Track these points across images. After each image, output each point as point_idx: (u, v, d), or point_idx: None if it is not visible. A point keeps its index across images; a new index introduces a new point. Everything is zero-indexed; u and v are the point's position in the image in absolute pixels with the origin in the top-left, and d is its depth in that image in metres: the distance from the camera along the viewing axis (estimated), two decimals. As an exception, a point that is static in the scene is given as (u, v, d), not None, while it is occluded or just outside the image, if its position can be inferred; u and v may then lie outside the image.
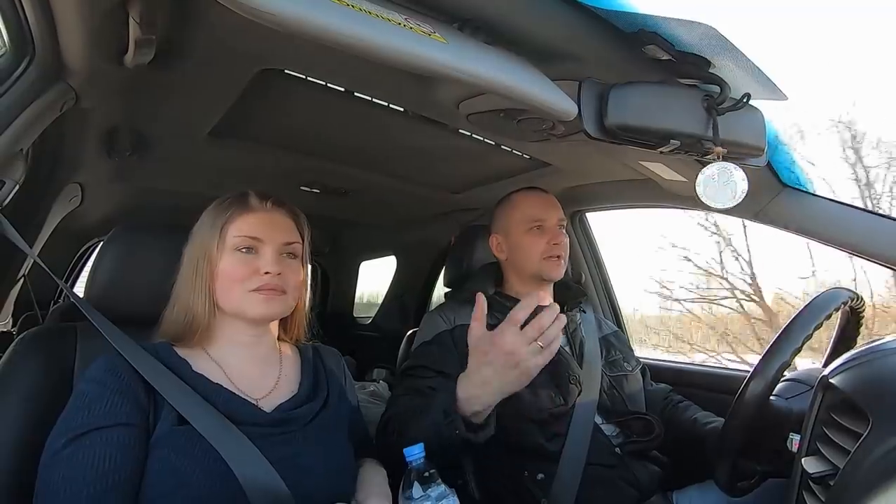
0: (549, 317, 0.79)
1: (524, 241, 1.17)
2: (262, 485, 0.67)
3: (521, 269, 1.19)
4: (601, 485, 1.01)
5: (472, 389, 0.81)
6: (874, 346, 0.68)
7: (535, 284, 1.19)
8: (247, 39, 0.79)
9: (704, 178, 0.75)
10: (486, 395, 0.81)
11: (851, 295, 0.87)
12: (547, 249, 1.15)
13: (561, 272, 1.17)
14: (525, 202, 1.21)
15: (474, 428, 0.82)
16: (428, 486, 0.70)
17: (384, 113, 1.08)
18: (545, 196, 1.22)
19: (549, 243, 1.15)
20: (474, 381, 0.81)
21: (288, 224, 0.83)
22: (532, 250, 1.16)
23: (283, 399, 0.79)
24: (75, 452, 0.63)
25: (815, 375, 0.78)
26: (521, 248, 1.18)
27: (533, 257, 1.16)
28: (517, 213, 1.20)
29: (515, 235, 1.19)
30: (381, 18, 0.55)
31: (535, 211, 1.18)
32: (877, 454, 0.53)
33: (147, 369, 0.70)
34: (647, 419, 1.10)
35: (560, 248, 1.15)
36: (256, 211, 0.81)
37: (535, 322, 0.79)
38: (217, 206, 0.83)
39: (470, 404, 0.81)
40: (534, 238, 1.16)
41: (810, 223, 1.02)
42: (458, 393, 0.82)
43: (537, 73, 0.70)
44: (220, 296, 0.78)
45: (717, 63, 0.71)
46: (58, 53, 0.78)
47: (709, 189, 0.75)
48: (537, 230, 1.16)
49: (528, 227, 1.17)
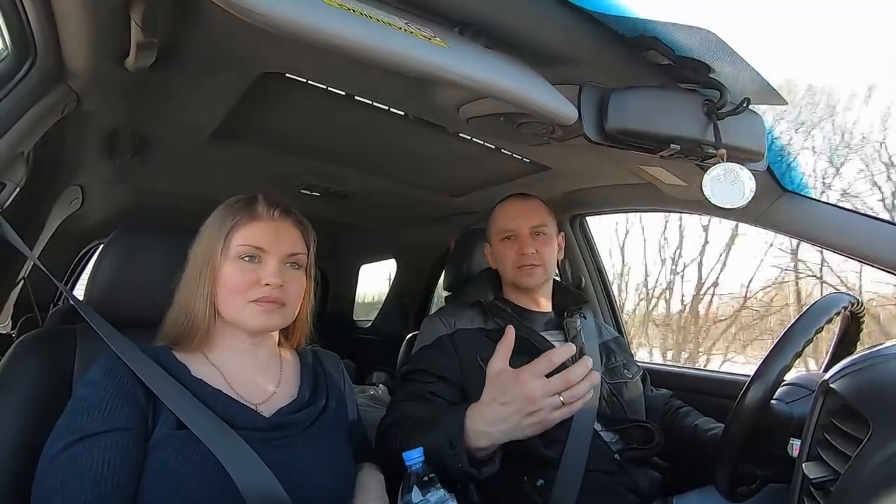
0: (579, 372, 0.74)
1: (499, 251, 1.20)
2: (261, 489, 0.66)
3: (503, 277, 1.22)
4: (601, 491, 1.00)
5: (483, 425, 0.77)
6: (875, 350, 0.68)
7: (518, 291, 1.20)
8: (248, 43, 0.79)
9: (711, 178, 0.74)
10: (496, 434, 0.77)
11: (852, 299, 0.87)
12: (517, 259, 1.16)
13: (536, 280, 1.16)
14: (500, 212, 1.23)
15: (478, 464, 0.79)
16: (427, 490, 0.70)
17: (384, 116, 1.09)
18: (521, 204, 1.22)
19: (518, 253, 1.16)
20: (486, 418, 0.77)
21: (294, 234, 0.82)
22: (505, 260, 1.18)
23: (283, 404, 0.79)
24: (73, 456, 0.63)
25: (815, 380, 0.78)
26: (498, 257, 1.21)
27: (507, 267, 1.18)
28: (495, 223, 1.23)
29: (494, 245, 1.22)
30: (382, 23, 0.55)
31: (506, 221, 1.20)
32: (877, 459, 0.53)
33: (146, 373, 0.70)
34: (647, 427, 1.09)
35: (528, 257, 1.15)
36: (263, 219, 0.80)
37: (564, 374, 0.74)
38: (226, 208, 0.82)
39: (477, 437, 0.78)
40: (506, 248, 1.18)
41: (810, 228, 1.03)
42: (467, 423, 0.78)
43: (538, 77, 0.70)
44: (221, 303, 0.78)
45: (717, 68, 0.71)
46: (59, 56, 0.78)
47: (716, 189, 0.74)
48: (509, 240, 1.18)
49: (502, 237, 1.19)
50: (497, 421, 0.76)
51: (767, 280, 4.32)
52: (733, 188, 0.74)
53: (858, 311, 0.90)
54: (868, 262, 0.95)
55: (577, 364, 0.75)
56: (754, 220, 1.10)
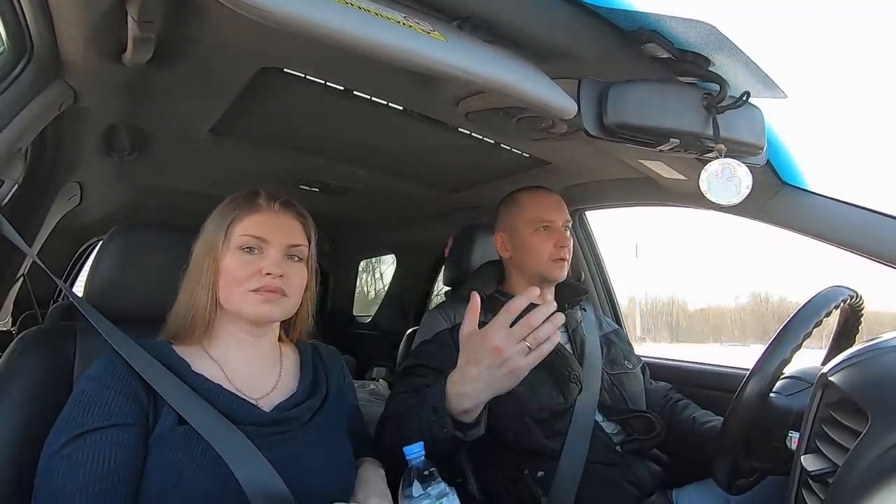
0: (539, 315, 0.76)
1: (531, 241, 1.17)
2: (262, 484, 0.67)
3: (525, 268, 1.19)
4: (601, 483, 1.01)
5: (460, 386, 0.80)
6: (874, 343, 0.68)
7: (537, 284, 1.19)
8: (246, 38, 0.79)
9: (708, 174, 0.75)
10: (475, 393, 0.79)
11: (851, 293, 0.87)
12: (554, 252, 1.15)
13: (564, 273, 1.17)
14: (533, 202, 1.20)
15: (463, 427, 0.81)
16: (428, 484, 0.70)
17: (383, 111, 1.08)
18: (553, 196, 1.21)
19: (556, 245, 1.15)
20: (462, 378, 0.80)
21: (295, 226, 0.83)
22: (539, 251, 1.16)
23: (282, 398, 0.79)
24: (74, 452, 0.63)
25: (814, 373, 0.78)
26: (527, 248, 1.17)
27: (540, 258, 1.16)
28: (525, 212, 1.19)
29: (522, 235, 1.18)
30: (380, 16, 0.55)
31: (544, 212, 1.18)
32: (876, 452, 0.53)
33: (146, 369, 0.70)
34: (648, 417, 1.10)
35: (566, 250, 1.16)
36: (264, 211, 0.80)
37: (525, 320, 0.76)
38: (227, 203, 0.82)
39: (459, 401, 0.80)
40: (541, 239, 1.16)
41: (810, 221, 1.02)
42: (448, 388, 0.80)
43: (537, 71, 0.69)
44: (222, 294, 0.78)
45: (717, 61, 0.71)
46: (56, 52, 0.78)
47: (713, 185, 0.75)
48: (544, 231, 1.16)
49: (536, 227, 1.17)
50: (473, 379, 0.78)
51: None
52: (729, 184, 0.75)
53: (857, 305, 0.90)
54: (869, 256, 0.95)
55: (537, 309, 0.76)
56: (754, 215, 1.10)
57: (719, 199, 0.75)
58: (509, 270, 1.24)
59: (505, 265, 1.25)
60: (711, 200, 0.75)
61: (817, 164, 1.01)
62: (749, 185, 0.74)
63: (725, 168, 0.74)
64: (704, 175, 0.75)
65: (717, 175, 0.75)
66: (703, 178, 0.75)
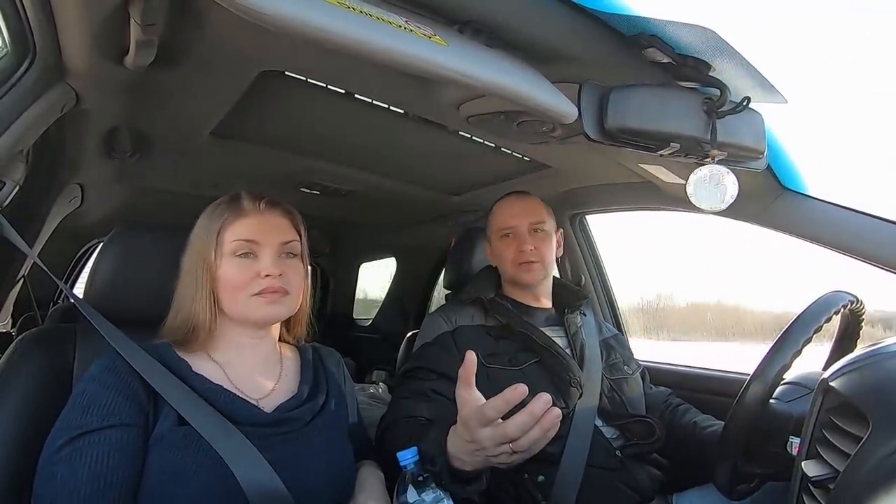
0: (518, 422, 0.65)
1: (498, 247, 1.22)
2: (261, 485, 0.67)
3: (502, 274, 1.24)
4: (601, 487, 1.00)
5: (457, 453, 0.72)
6: (874, 349, 0.68)
7: (520, 289, 1.21)
8: (247, 41, 0.79)
9: (696, 179, 0.76)
10: (470, 462, 0.72)
11: (851, 298, 0.87)
12: (516, 256, 1.17)
13: (535, 276, 1.18)
14: (499, 210, 1.24)
15: (462, 480, 0.74)
16: (423, 490, 0.70)
17: (384, 115, 1.09)
18: (520, 201, 1.23)
19: (517, 250, 1.17)
20: (458, 447, 0.72)
21: (283, 223, 0.82)
22: (504, 257, 1.20)
23: (283, 399, 0.79)
24: (73, 452, 0.63)
25: (814, 379, 0.78)
26: (497, 254, 1.23)
27: (506, 263, 1.20)
28: (493, 220, 1.24)
29: (493, 242, 1.24)
30: (382, 21, 0.55)
31: (506, 218, 1.21)
32: (877, 457, 0.53)
33: (146, 369, 0.70)
34: (648, 422, 1.09)
35: (527, 254, 1.16)
36: (250, 214, 0.80)
37: (502, 427, 0.66)
38: (211, 211, 0.82)
39: (454, 459, 0.73)
40: (505, 245, 1.19)
41: (811, 226, 1.02)
42: (448, 442, 0.74)
43: (537, 75, 0.70)
44: (224, 302, 0.78)
45: (717, 66, 0.71)
46: (58, 54, 0.78)
47: (699, 190, 0.76)
48: (507, 237, 1.20)
49: (501, 234, 1.21)
50: (467, 453, 0.72)
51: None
52: (715, 191, 0.76)
53: (858, 310, 0.90)
54: (869, 261, 0.95)
55: (519, 413, 0.66)
56: (754, 219, 1.10)
57: (703, 204, 0.76)
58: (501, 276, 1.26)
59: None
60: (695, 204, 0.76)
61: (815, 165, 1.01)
62: (734, 194, 0.76)
63: (714, 174, 0.75)
64: (692, 179, 0.76)
65: (705, 180, 0.76)
66: (690, 182, 0.76)
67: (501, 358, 1.09)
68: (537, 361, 1.10)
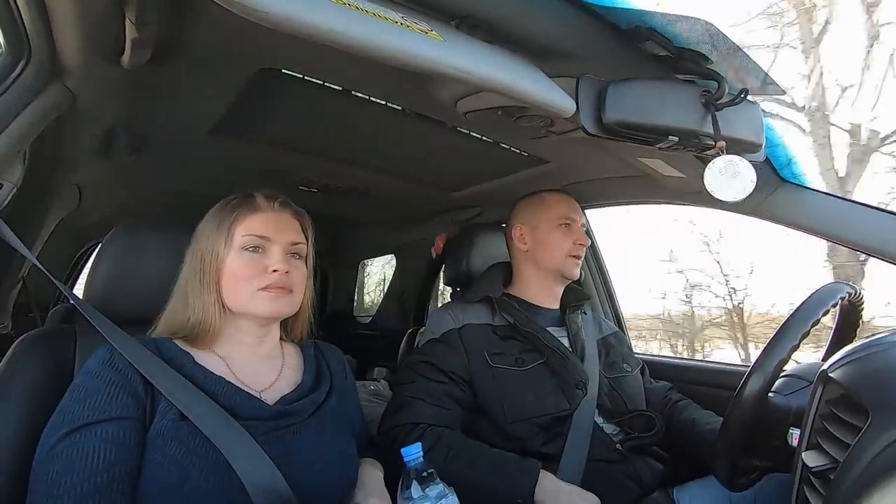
0: None
1: (552, 236, 1.20)
2: (262, 480, 0.67)
3: (541, 262, 1.21)
4: (603, 480, 1.01)
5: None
6: (873, 340, 0.68)
7: (551, 281, 1.21)
8: (244, 39, 0.79)
9: (712, 172, 0.74)
10: None
11: (850, 289, 0.87)
12: (572, 249, 1.19)
13: (578, 272, 1.20)
14: (557, 200, 1.25)
15: None
16: (427, 485, 0.70)
17: (382, 111, 1.08)
18: (574, 200, 1.27)
19: (575, 243, 1.19)
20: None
21: (294, 224, 0.84)
22: (560, 246, 1.19)
23: (286, 391, 0.79)
24: (70, 447, 0.63)
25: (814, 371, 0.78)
26: (548, 243, 1.20)
27: (558, 253, 1.19)
28: (550, 208, 1.23)
29: (544, 230, 1.21)
30: (378, 17, 0.55)
31: (565, 210, 1.22)
32: (876, 448, 0.53)
33: (147, 367, 0.70)
34: (648, 415, 1.10)
35: (583, 248, 1.20)
36: (264, 211, 0.81)
37: None
38: (223, 206, 0.83)
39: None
40: (562, 235, 1.20)
41: (809, 218, 1.02)
42: (537, 494, 0.89)
43: (535, 70, 0.70)
44: (228, 295, 0.78)
45: (715, 59, 0.71)
46: (54, 55, 0.78)
47: (718, 184, 0.74)
48: (566, 228, 1.20)
49: (558, 223, 1.20)
50: None
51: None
52: (734, 181, 0.74)
53: (856, 301, 0.90)
54: (868, 252, 0.95)
55: None
56: (752, 212, 1.10)
57: (725, 196, 0.74)
58: (522, 266, 1.24)
59: (517, 261, 1.26)
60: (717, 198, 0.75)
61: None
62: (753, 180, 0.74)
63: (729, 165, 0.74)
64: (709, 173, 0.74)
65: (722, 172, 0.74)
66: (707, 175, 0.74)
67: (508, 358, 1.09)
68: (543, 362, 1.10)
